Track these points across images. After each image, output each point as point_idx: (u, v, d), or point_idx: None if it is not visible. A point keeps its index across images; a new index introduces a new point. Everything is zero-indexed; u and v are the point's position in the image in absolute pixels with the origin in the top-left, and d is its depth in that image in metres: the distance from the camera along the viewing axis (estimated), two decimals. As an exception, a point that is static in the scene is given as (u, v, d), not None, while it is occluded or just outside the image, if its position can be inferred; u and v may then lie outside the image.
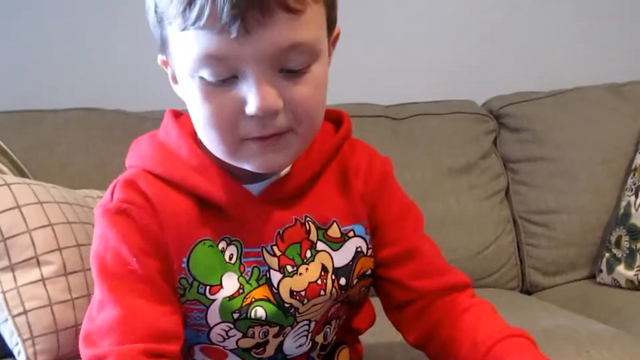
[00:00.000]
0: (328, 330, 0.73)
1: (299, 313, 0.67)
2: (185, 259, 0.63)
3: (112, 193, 0.65)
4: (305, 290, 0.66)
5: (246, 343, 0.67)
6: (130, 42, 1.64)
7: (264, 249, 0.66)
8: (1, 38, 1.60)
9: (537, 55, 1.82)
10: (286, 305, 0.66)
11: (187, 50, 0.56)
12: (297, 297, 0.66)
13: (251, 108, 0.56)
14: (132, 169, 0.68)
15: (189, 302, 0.65)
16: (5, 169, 1.18)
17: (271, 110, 0.56)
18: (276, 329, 0.67)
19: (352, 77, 1.71)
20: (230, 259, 0.65)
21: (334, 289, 0.68)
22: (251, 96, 0.56)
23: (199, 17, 0.53)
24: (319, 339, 0.72)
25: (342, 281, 0.68)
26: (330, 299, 0.68)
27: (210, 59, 0.55)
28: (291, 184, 0.67)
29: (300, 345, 0.70)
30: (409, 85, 1.75)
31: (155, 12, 0.60)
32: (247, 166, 0.62)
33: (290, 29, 0.54)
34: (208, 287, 0.64)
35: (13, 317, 0.88)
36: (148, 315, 0.60)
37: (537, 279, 1.49)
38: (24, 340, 0.88)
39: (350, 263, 0.69)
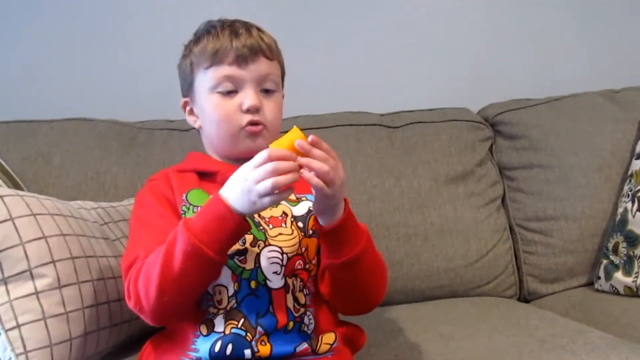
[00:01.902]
0: (295, 282, 0.91)
1: (268, 235, 0.91)
2: (184, 195, 0.95)
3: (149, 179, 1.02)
4: (269, 217, 0.93)
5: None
6: (125, 52, 1.65)
7: None
8: (-4, 50, 1.60)
9: (532, 62, 1.83)
10: (255, 221, 0.92)
11: (210, 78, 0.97)
12: (264, 221, 0.93)
13: (246, 104, 0.96)
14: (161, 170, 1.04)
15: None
16: (-2, 180, 1.18)
17: (257, 107, 0.96)
18: (251, 237, 0.90)
19: (346, 85, 1.73)
20: None
21: (293, 226, 0.93)
22: (247, 99, 0.96)
23: (221, 60, 0.96)
24: (290, 282, 0.90)
25: (300, 224, 0.94)
26: (292, 236, 0.92)
27: (225, 79, 0.96)
28: None
29: (275, 272, 0.89)
30: (404, 93, 1.76)
31: (191, 64, 0.99)
32: (240, 148, 0.97)
33: (268, 67, 0.98)
34: (199, 207, 0.92)
35: (6, 331, 0.87)
36: (164, 237, 0.84)
37: (535, 287, 1.48)
38: (17, 355, 0.86)
39: (305, 215, 0.95)
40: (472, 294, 1.44)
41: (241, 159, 0.88)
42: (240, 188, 0.80)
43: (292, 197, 0.97)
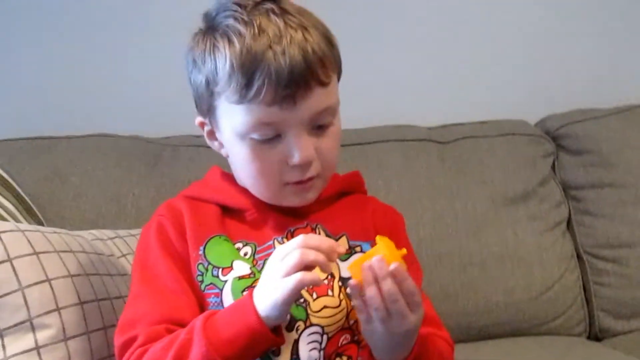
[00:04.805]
0: None
1: (310, 309, 0.72)
2: (202, 247, 0.76)
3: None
4: None
5: None
6: (147, 64, 1.55)
7: (275, 240, 0.78)
8: (13, 62, 1.51)
9: (596, 67, 1.65)
10: None
11: (239, 118, 0.72)
12: (306, 288, 0.70)
13: (295, 159, 0.72)
14: (175, 197, 0.85)
15: (207, 288, 0.75)
16: (8, 204, 1.06)
17: (310, 161, 0.73)
18: (287, 317, 0.71)
19: (389, 95, 1.59)
20: (245, 255, 0.77)
21: (341, 294, 0.74)
22: (295, 150, 0.72)
23: (256, 96, 0.69)
24: None
25: (349, 290, 0.69)
26: (339, 309, 0.73)
27: (262, 125, 0.71)
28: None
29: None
30: (453, 103, 1.61)
31: (207, 85, 0.73)
32: (284, 203, 0.78)
33: (323, 98, 0.72)
34: (220, 270, 0.75)
35: (2, 393, 0.74)
36: (171, 306, 0.73)
37: (608, 323, 1.32)
38: (15, 421, 0.73)
39: None
40: (535, 331, 1.28)
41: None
42: (272, 285, 0.65)
43: (345, 243, 0.79)
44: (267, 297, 0.64)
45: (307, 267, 0.64)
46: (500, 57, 1.64)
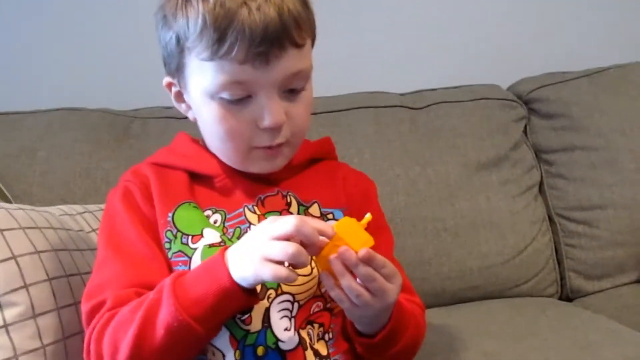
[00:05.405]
0: (311, 331, 0.73)
1: None
2: (170, 214, 0.75)
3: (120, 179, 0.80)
4: None
5: None
6: (114, 36, 1.50)
7: (245, 207, 0.77)
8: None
9: (566, 30, 1.65)
10: None
11: (210, 76, 0.69)
12: None
13: (266, 122, 0.70)
14: (141, 164, 0.82)
15: (175, 255, 0.73)
16: (-28, 183, 1.03)
17: (280, 124, 0.71)
18: (259, 286, 0.68)
19: (362, 62, 1.57)
20: (215, 222, 0.76)
21: (312, 262, 0.72)
22: (266, 113, 0.70)
23: (228, 52, 0.66)
24: (304, 335, 0.72)
25: (323, 283, 0.68)
26: (310, 277, 0.72)
27: (233, 84, 0.69)
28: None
29: (286, 329, 0.71)
30: (425, 69, 1.60)
31: (178, 42, 0.70)
32: (252, 169, 0.77)
33: (296, 60, 0.70)
34: (190, 237, 0.74)
35: (-29, 372, 0.73)
36: (140, 270, 0.71)
37: (579, 284, 1.33)
38: (-14, 400, 0.73)
39: None
40: (509, 294, 1.29)
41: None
42: (249, 258, 0.62)
43: (316, 210, 0.79)
44: (240, 268, 0.63)
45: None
46: (472, 22, 1.62)
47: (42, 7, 1.47)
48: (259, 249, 0.62)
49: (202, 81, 0.71)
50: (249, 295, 0.64)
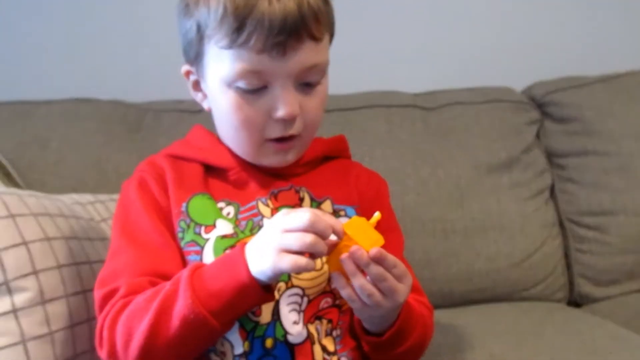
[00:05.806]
0: (319, 327, 0.73)
1: None
2: (184, 204, 0.76)
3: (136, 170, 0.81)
4: None
5: None
6: (128, 27, 1.50)
7: (259, 200, 0.77)
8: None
9: (583, 34, 1.63)
10: None
11: (227, 64, 0.70)
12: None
13: (280, 113, 0.71)
14: (156, 155, 0.83)
15: (187, 245, 0.74)
16: (-15, 170, 1.04)
17: (294, 116, 0.72)
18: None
19: (375, 63, 1.57)
20: (228, 215, 0.76)
21: (323, 258, 0.71)
22: (280, 103, 0.71)
23: (246, 41, 0.68)
24: (312, 330, 0.72)
25: (334, 284, 0.68)
26: (320, 272, 0.73)
27: (250, 73, 0.70)
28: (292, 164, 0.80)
29: (294, 322, 0.71)
30: (439, 70, 1.59)
31: (198, 29, 0.72)
32: (264, 162, 0.77)
33: (313, 54, 0.71)
34: (203, 227, 0.74)
35: (-21, 355, 0.73)
36: (154, 259, 0.72)
37: (588, 290, 1.32)
38: (-7, 383, 0.73)
39: None
40: (517, 297, 1.28)
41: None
42: (266, 251, 0.62)
43: (329, 207, 0.79)
44: (258, 263, 0.63)
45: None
46: (487, 23, 1.61)
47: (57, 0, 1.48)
48: (275, 241, 0.62)
49: (220, 69, 0.71)
50: (266, 292, 0.65)
